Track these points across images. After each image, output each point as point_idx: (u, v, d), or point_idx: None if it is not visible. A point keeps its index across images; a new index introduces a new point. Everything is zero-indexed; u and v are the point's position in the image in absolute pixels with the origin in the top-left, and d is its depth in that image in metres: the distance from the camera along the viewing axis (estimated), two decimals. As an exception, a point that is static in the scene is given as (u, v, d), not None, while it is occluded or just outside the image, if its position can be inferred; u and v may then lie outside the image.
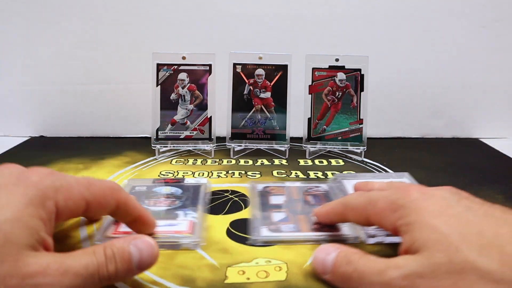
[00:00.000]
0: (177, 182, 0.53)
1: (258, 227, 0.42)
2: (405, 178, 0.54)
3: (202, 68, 0.64)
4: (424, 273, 0.26)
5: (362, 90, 0.64)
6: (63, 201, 0.31)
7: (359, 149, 0.65)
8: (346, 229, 0.41)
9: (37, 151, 0.70)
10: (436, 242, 0.27)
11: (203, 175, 0.58)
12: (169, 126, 0.65)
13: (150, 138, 0.65)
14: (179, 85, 0.64)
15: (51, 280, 0.27)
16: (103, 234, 0.39)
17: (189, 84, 0.64)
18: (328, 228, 0.41)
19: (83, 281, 0.29)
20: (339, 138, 0.65)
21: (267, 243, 0.40)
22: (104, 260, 0.30)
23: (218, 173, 0.59)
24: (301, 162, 0.64)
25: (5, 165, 0.34)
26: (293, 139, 0.67)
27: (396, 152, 0.70)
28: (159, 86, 0.64)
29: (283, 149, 0.66)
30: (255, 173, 0.59)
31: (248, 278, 0.35)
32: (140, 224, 0.38)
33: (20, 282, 0.26)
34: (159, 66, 0.64)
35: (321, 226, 0.41)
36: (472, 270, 0.25)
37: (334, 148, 0.66)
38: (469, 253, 0.26)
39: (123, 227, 0.40)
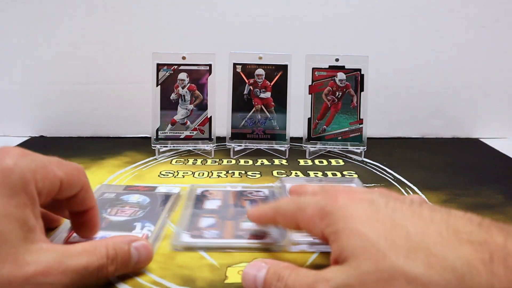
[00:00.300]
0: (148, 190, 0.51)
1: (179, 233, 0.40)
2: (354, 184, 0.53)
3: (202, 68, 0.64)
4: (352, 284, 0.26)
5: (362, 90, 0.64)
6: (41, 181, 0.30)
7: (359, 149, 0.65)
8: (271, 236, 0.40)
9: (37, 151, 0.69)
10: (363, 250, 0.26)
11: (203, 175, 0.58)
12: (169, 126, 0.65)
13: (150, 138, 0.65)
14: (179, 85, 0.64)
15: (52, 279, 0.28)
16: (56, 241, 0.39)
17: (189, 84, 0.64)
18: (253, 236, 0.40)
19: (82, 279, 0.29)
20: (339, 138, 0.65)
21: (188, 249, 0.38)
22: (105, 261, 0.31)
23: (218, 173, 0.59)
24: (301, 162, 0.64)
25: None
26: (293, 139, 0.67)
27: (396, 152, 0.70)
28: (159, 86, 0.64)
29: (283, 149, 0.66)
30: (255, 173, 0.59)
31: (248, 278, 0.35)
32: (87, 220, 0.37)
33: (22, 283, 0.26)
34: (159, 66, 0.64)
35: (246, 233, 0.40)
36: (400, 276, 0.24)
37: (334, 148, 0.66)
38: (396, 259, 0.25)
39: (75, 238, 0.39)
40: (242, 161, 0.64)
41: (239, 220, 0.43)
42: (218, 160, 0.64)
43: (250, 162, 0.64)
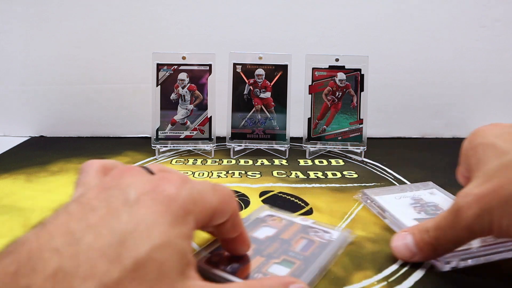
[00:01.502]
0: None
1: (199, 250, 0.36)
2: (433, 188, 0.53)
3: (202, 68, 0.64)
4: (482, 182, 0.32)
5: (362, 90, 0.64)
6: (199, 213, 0.28)
7: (359, 149, 0.65)
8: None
9: (37, 151, 0.70)
10: (493, 155, 0.33)
11: (203, 175, 0.58)
12: (169, 126, 0.65)
13: (150, 138, 0.65)
14: (179, 85, 0.64)
15: None
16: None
17: (189, 84, 0.64)
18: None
19: None
20: (339, 138, 0.65)
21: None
22: None
23: (218, 173, 0.59)
24: (301, 162, 0.64)
25: (128, 169, 0.29)
26: (293, 139, 0.67)
27: (396, 152, 0.70)
28: (159, 86, 0.64)
29: (283, 149, 0.66)
30: (255, 173, 0.59)
31: (248, 278, 0.35)
32: (238, 244, 0.34)
33: None
34: (159, 66, 0.64)
35: (266, 277, 0.33)
36: None
37: (334, 148, 0.66)
38: None
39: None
40: (242, 161, 0.64)
41: (271, 261, 0.35)
42: (218, 160, 0.64)
43: (250, 162, 0.64)
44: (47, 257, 0.22)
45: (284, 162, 0.64)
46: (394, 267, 0.36)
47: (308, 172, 0.60)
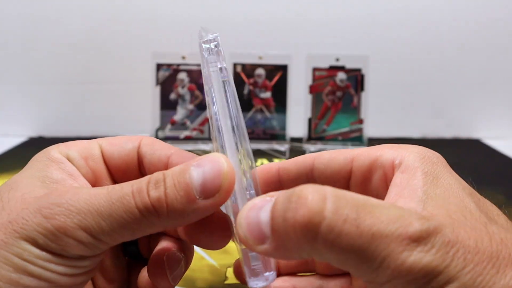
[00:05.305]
0: None
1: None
2: None
3: (202, 68, 0.64)
4: None
5: (362, 90, 0.64)
6: None
7: (359, 149, 0.65)
8: None
9: (36, 151, 0.69)
10: None
11: (203, 175, 0.58)
12: (169, 126, 0.65)
13: (149, 138, 0.65)
14: (179, 85, 0.64)
15: None
16: None
17: (189, 84, 0.64)
18: None
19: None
20: (340, 138, 0.65)
21: None
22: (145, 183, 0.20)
23: (218, 173, 0.59)
24: (301, 162, 0.64)
25: None
26: (293, 139, 0.67)
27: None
28: (158, 86, 0.64)
29: (283, 149, 0.65)
30: (255, 173, 0.59)
31: (248, 279, 0.35)
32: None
33: None
34: (159, 66, 0.64)
35: None
36: None
37: (334, 148, 0.66)
38: None
39: None
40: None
41: None
42: (218, 160, 0.64)
43: (250, 162, 0.63)
44: None
45: (284, 162, 0.64)
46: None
47: (308, 172, 0.60)
